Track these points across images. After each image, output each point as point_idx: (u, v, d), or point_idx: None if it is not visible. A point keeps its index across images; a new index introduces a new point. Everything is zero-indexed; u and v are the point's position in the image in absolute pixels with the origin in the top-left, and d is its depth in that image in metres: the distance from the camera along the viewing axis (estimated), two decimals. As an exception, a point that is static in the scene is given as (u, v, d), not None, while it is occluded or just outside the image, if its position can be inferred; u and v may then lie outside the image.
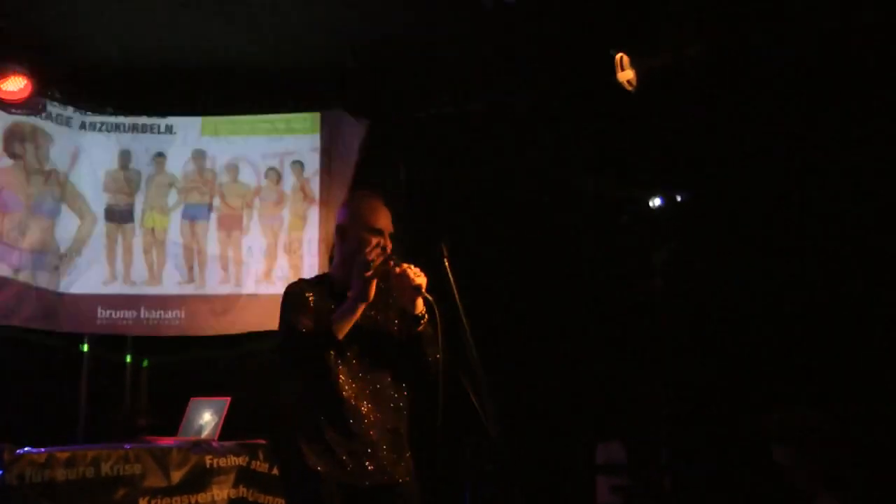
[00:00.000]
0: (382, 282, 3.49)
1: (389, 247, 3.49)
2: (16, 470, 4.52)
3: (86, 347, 6.55)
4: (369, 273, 3.33)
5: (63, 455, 4.79)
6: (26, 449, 4.68)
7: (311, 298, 3.45)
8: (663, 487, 5.53)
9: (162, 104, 6.70)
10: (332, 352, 3.36)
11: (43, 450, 4.74)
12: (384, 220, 3.53)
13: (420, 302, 3.40)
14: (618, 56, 5.29)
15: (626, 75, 5.29)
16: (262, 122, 6.72)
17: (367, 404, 3.41)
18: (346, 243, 3.54)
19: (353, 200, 3.73)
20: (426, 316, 3.41)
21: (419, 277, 3.36)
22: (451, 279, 3.42)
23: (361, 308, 3.36)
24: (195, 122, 6.74)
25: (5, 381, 5.97)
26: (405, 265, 3.38)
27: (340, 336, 3.33)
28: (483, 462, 4.06)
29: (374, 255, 3.39)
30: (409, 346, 3.49)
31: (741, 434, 5.34)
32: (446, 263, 3.46)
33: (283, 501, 5.45)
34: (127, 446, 5.17)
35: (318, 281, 3.62)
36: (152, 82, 6.52)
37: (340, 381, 3.38)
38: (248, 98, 6.67)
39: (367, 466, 3.35)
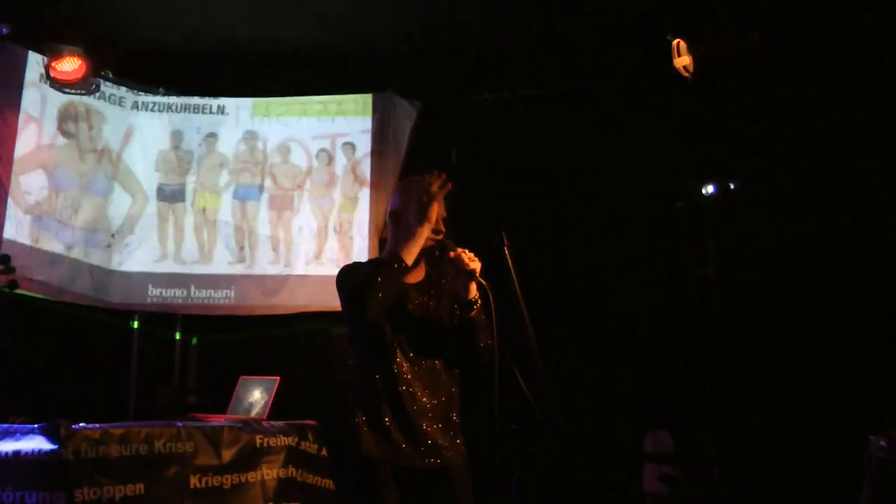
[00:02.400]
0: (437, 267, 3.49)
1: (444, 231, 3.48)
2: (72, 445, 4.55)
3: (136, 324, 6.62)
4: (428, 199, 3.36)
5: (117, 431, 4.82)
6: (81, 425, 4.73)
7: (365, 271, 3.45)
8: (711, 477, 5.50)
9: (214, 85, 6.74)
10: (390, 334, 3.38)
11: (97, 426, 4.78)
12: (440, 206, 3.51)
13: (473, 287, 3.38)
14: (675, 42, 5.24)
15: (683, 61, 5.23)
16: (313, 103, 6.74)
17: (422, 389, 3.41)
18: (399, 229, 3.52)
19: (406, 185, 3.69)
20: (479, 301, 3.39)
21: (473, 262, 3.35)
22: (512, 267, 3.41)
23: (426, 230, 3.37)
24: (247, 103, 6.78)
25: (59, 357, 6.04)
26: (459, 249, 3.37)
27: (409, 260, 3.36)
28: (532, 449, 4.07)
29: (436, 187, 3.40)
30: (461, 331, 3.47)
31: (788, 424, 5.33)
32: (507, 252, 3.45)
33: (331, 482, 5.49)
34: (179, 424, 5.20)
35: (371, 264, 3.59)
36: (205, 63, 6.56)
37: (398, 364, 3.40)
38: (299, 79, 6.69)
39: (421, 450, 3.36)
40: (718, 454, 5.49)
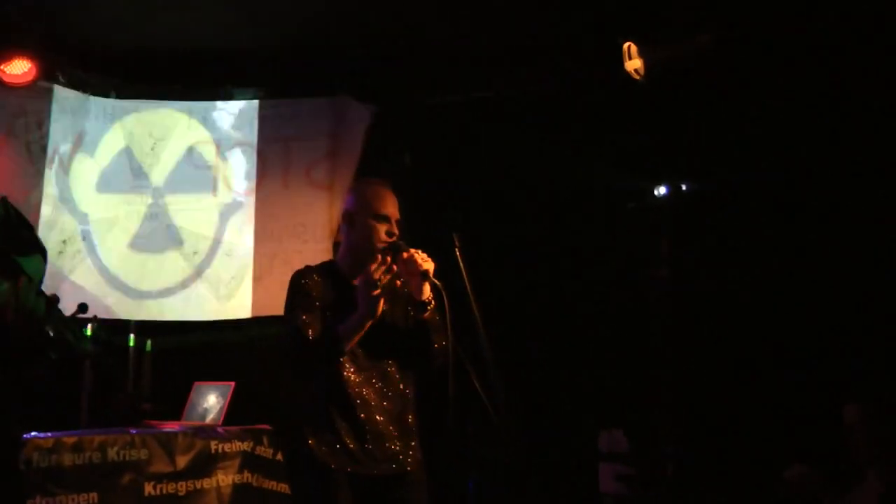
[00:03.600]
0: (390, 270, 3.48)
1: (397, 234, 3.47)
2: (23, 455, 4.51)
3: (88, 331, 6.53)
4: (376, 292, 3.29)
5: (70, 440, 4.81)
6: (33, 434, 4.68)
7: (317, 287, 3.44)
8: (666, 475, 5.55)
9: (167, 88, 6.69)
10: None
11: (49, 434, 4.74)
12: (391, 207, 3.51)
13: (427, 288, 3.38)
14: (626, 45, 5.29)
15: (634, 64, 5.29)
16: (268, 107, 6.73)
17: (374, 393, 3.40)
18: (352, 230, 3.52)
19: (359, 187, 3.70)
20: (433, 302, 3.39)
21: (426, 262, 3.34)
22: (463, 268, 3.42)
23: (369, 324, 3.32)
24: (199, 106, 6.74)
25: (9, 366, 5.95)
26: (412, 250, 3.36)
27: (346, 349, 3.31)
28: (488, 451, 4.08)
29: (379, 274, 3.31)
30: (415, 333, 3.47)
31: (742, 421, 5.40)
32: (458, 253, 3.46)
33: (287, 487, 5.47)
34: (133, 431, 5.18)
35: (324, 267, 3.58)
36: (156, 66, 6.48)
37: (346, 369, 3.37)
38: (253, 83, 6.66)
39: (375, 455, 3.35)
40: (674, 453, 5.55)
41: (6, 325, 2.33)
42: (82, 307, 4.86)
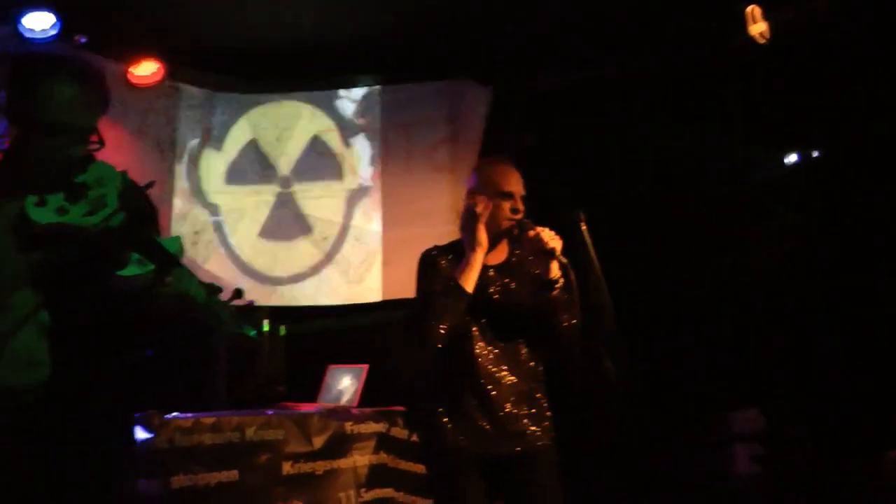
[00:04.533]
0: (517, 247, 3.46)
1: (522, 210, 3.45)
2: (165, 434, 4.66)
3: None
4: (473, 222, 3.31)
5: (208, 420, 4.91)
6: (174, 414, 4.83)
7: (443, 264, 3.46)
8: (805, 456, 5.38)
9: (287, 81, 6.86)
10: (469, 318, 3.35)
11: (190, 415, 4.89)
12: (514, 184, 3.49)
13: (555, 266, 3.34)
14: (749, 8, 5.13)
15: (759, 28, 5.13)
16: (387, 92, 6.83)
17: (505, 370, 3.38)
18: (475, 208, 3.48)
19: (482, 165, 3.68)
20: (561, 280, 3.35)
21: (553, 241, 3.30)
22: (589, 244, 3.38)
23: (479, 255, 3.32)
24: (320, 96, 6.90)
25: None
26: (539, 228, 3.32)
27: (469, 288, 3.30)
28: (616, 429, 4.03)
29: (481, 208, 3.35)
30: (543, 311, 3.42)
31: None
32: (584, 229, 3.42)
33: (423, 468, 5.52)
34: (269, 412, 5.28)
35: (450, 247, 3.59)
36: (277, 59, 6.63)
37: (476, 348, 3.37)
38: (370, 70, 6.73)
39: (506, 434, 3.33)
40: (810, 434, 5.37)
41: (156, 309, 2.39)
42: (238, 293, 5.00)
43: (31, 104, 2.42)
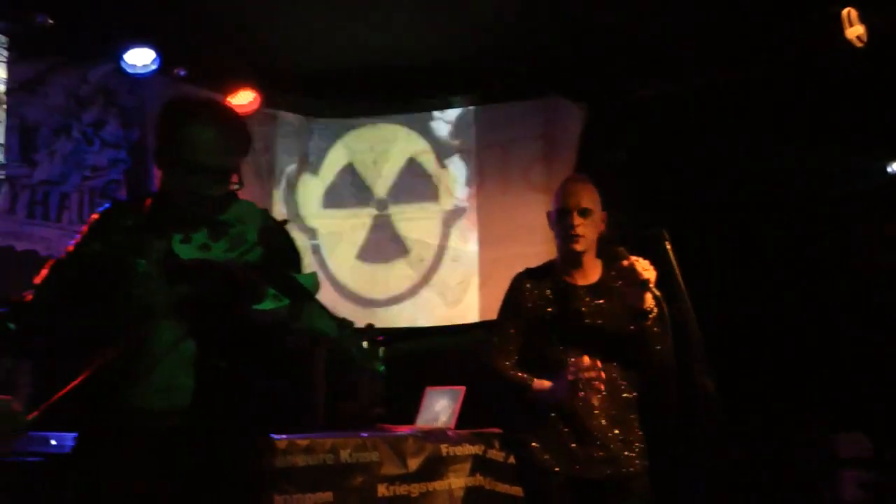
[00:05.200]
0: (612, 271, 3.41)
1: (576, 224, 3.36)
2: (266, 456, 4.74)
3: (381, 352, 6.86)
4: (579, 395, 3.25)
5: (303, 442, 4.95)
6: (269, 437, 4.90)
7: (529, 291, 3.45)
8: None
9: (381, 105, 6.94)
10: (558, 339, 3.32)
11: (284, 437, 4.95)
12: (572, 198, 3.41)
13: (649, 297, 3.23)
14: (845, 11, 4.92)
15: (856, 31, 4.92)
16: (481, 112, 6.83)
17: (595, 396, 3.30)
18: (553, 229, 3.51)
19: (559, 187, 3.60)
20: (654, 311, 3.24)
21: (647, 272, 3.19)
22: (674, 263, 3.29)
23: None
24: (416, 118, 6.93)
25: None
26: (633, 258, 3.21)
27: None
28: (712, 454, 3.90)
29: (589, 374, 3.22)
30: (634, 339, 3.33)
31: None
32: (668, 248, 3.33)
33: (520, 490, 5.46)
34: (364, 434, 5.31)
35: (542, 269, 3.58)
36: (370, 83, 6.71)
37: (565, 370, 3.27)
38: (464, 90, 6.75)
39: (598, 459, 3.26)
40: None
41: (290, 342, 2.47)
42: (371, 329, 5.11)
43: (174, 147, 2.56)
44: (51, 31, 5.49)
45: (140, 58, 5.88)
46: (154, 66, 5.91)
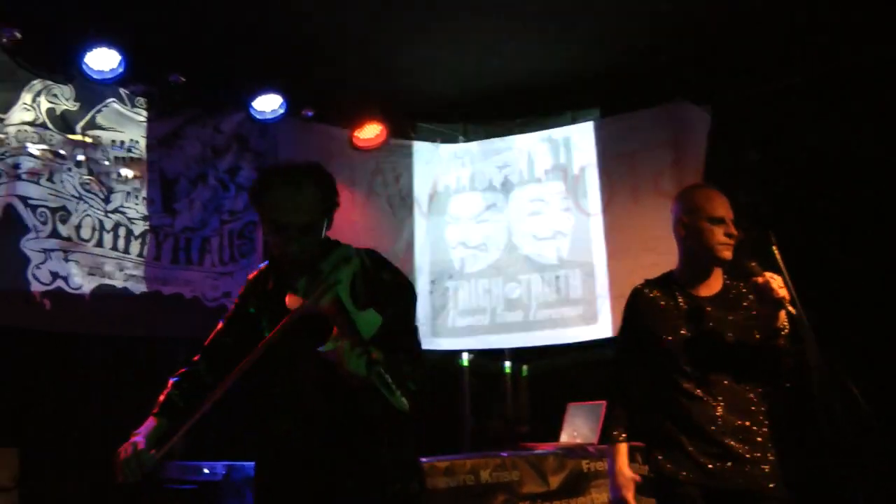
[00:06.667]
0: (737, 282, 3.38)
1: (735, 234, 3.32)
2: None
3: (465, 362, 6.97)
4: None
5: (442, 464, 5.05)
6: (409, 460, 5.02)
7: (648, 305, 3.46)
8: None
9: (506, 124, 7.03)
10: (683, 351, 3.30)
11: (424, 460, 5.06)
12: (724, 208, 3.37)
13: (782, 315, 3.17)
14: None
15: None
16: (609, 124, 6.82)
17: (723, 407, 3.26)
18: (687, 238, 3.44)
19: (685, 194, 3.59)
20: (786, 329, 3.19)
21: (782, 290, 3.13)
22: (783, 266, 3.22)
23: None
24: (546, 135, 6.99)
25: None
26: (768, 275, 3.16)
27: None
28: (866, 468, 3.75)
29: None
30: (765, 354, 3.27)
31: None
32: (775, 250, 3.27)
33: (653, 502, 5.40)
34: (504, 454, 5.36)
35: (661, 279, 3.55)
36: (492, 104, 6.81)
37: (691, 384, 3.29)
38: (587, 103, 6.76)
39: (728, 470, 3.22)
40: None
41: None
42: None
43: (261, 211, 2.90)
44: (184, 88, 5.87)
45: (268, 104, 6.19)
46: (282, 111, 6.20)
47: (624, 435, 3.43)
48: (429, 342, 6.94)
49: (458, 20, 5.74)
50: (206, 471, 4.95)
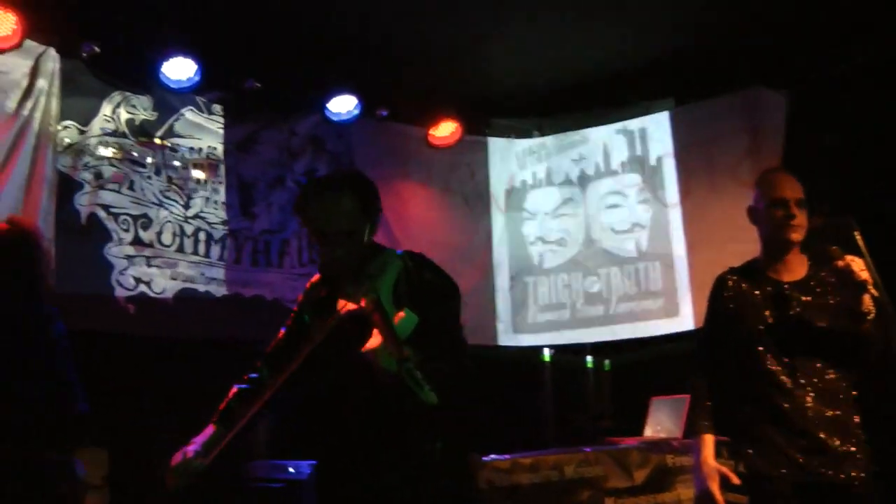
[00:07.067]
0: (821, 269, 3.31)
1: (797, 214, 3.29)
2: (484, 476, 4.85)
3: (547, 357, 6.94)
4: None
5: (526, 461, 5.03)
6: (491, 456, 5.02)
7: (731, 292, 3.44)
8: None
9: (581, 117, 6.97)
10: (766, 337, 3.26)
11: (507, 456, 5.06)
12: (786, 189, 3.35)
13: (867, 299, 3.11)
14: None
15: None
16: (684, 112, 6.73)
17: (812, 397, 3.21)
18: (760, 224, 3.46)
19: (758, 180, 3.58)
20: (872, 312, 3.12)
21: (864, 272, 3.09)
22: (865, 251, 3.15)
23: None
24: (635, 124, 6.93)
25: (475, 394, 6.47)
26: (849, 258, 3.12)
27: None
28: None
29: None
30: (850, 340, 3.21)
31: None
32: (858, 238, 3.20)
33: (745, 499, 5.31)
34: (587, 449, 5.32)
35: (745, 267, 3.52)
36: (569, 97, 6.75)
37: (776, 373, 3.24)
38: (664, 93, 6.67)
39: (819, 463, 3.17)
40: None
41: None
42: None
43: (305, 220, 3.04)
44: (258, 93, 5.95)
45: (343, 105, 6.24)
46: (356, 111, 6.25)
47: (709, 427, 3.37)
48: (510, 338, 6.96)
49: (529, 15, 5.72)
50: (291, 470, 5.04)
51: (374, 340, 2.69)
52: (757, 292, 3.34)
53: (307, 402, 3.03)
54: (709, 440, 3.39)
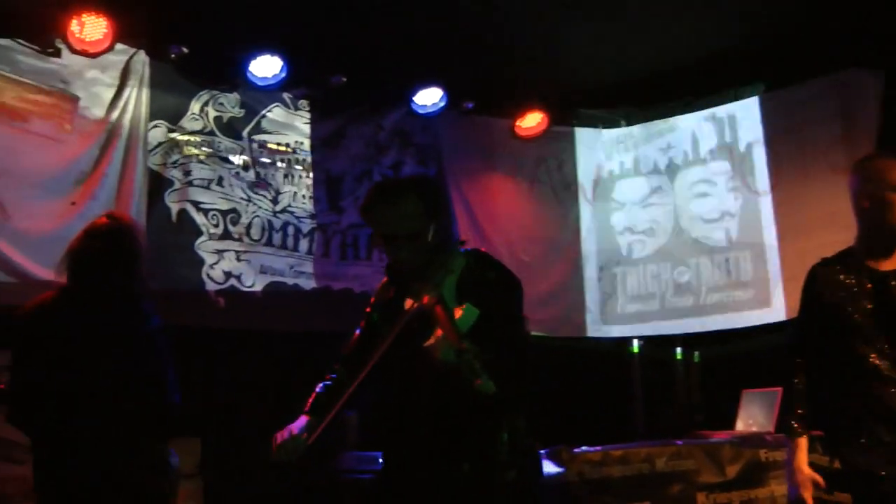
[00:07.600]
0: None
1: None
2: (575, 468, 4.82)
3: (636, 348, 6.87)
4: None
5: (617, 453, 4.99)
6: (583, 448, 5.00)
7: (824, 274, 3.34)
8: None
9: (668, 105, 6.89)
10: (859, 337, 3.16)
11: (598, 448, 5.02)
12: None
13: None
14: None
15: None
16: (770, 99, 6.57)
17: None
18: (869, 209, 3.30)
19: (863, 164, 3.45)
20: None
21: None
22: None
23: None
24: (724, 111, 6.81)
25: (564, 386, 6.44)
26: None
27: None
28: None
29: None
30: None
31: None
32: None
33: (849, 497, 5.16)
34: (679, 443, 5.25)
35: (839, 256, 3.40)
36: (650, 86, 6.68)
37: (882, 364, 3.13)
38: (755, 78, 6.53)
39: None
40: None
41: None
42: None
43: (370, 224, 3.09)
44: (344, 88, 6.00)
45: (429, 98, 6.27)
46: (442, 104, 6.27)
47: (803, 427, 3.27)
48: (599, 329, 6.92)
49: (614, 3, 5.66)
50: (380, 460, 5.08)
51: (437, 334, 2.76)
52: (855, 281, 3.23)
53: (378, 397, 3.09)
54: (802, 444, 3.29)
